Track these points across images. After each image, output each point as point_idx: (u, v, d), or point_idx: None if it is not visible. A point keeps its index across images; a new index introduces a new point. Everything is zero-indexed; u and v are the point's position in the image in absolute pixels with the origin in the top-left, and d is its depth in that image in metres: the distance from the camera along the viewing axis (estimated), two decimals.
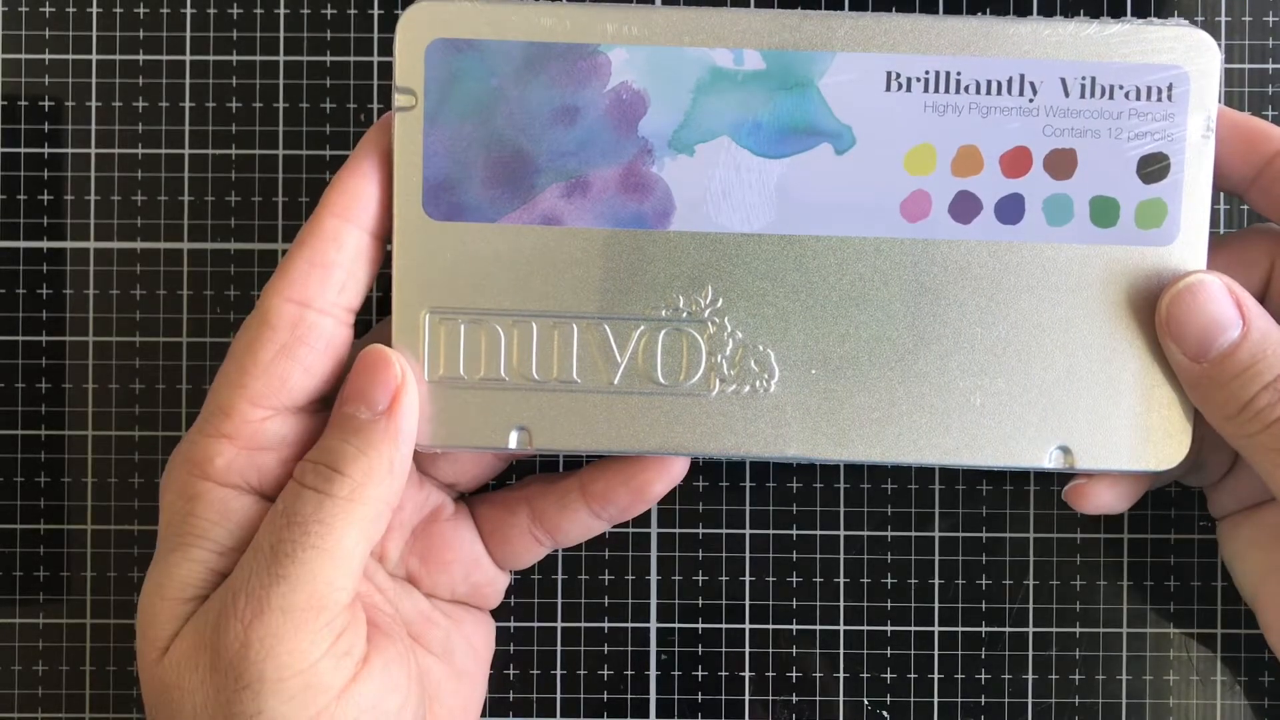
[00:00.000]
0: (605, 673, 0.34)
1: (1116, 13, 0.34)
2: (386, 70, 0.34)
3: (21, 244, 0.34)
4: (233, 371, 0.27)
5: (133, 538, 0.34)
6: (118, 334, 0.34)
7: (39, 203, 0.34)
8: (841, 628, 0.34)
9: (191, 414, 0.34)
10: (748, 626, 0.34)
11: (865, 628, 0.34)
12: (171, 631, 0.27)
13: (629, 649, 0.34)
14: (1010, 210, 0.28)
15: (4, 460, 0.34)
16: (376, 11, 0.34)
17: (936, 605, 0.34)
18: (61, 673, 0.34)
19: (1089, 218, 0.28)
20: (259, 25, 0.34)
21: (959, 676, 0.34)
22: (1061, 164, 0.28)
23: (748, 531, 0.34)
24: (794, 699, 0.34)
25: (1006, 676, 0.34)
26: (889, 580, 0.34)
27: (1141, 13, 0.34)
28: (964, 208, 0.28)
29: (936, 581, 0.34)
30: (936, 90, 0.28)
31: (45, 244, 0.34)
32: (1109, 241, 0.28)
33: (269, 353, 0.27)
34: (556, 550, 0.33)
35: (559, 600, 0.34)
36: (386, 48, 0.34)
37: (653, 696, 0.34)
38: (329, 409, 0.28)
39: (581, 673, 0.34)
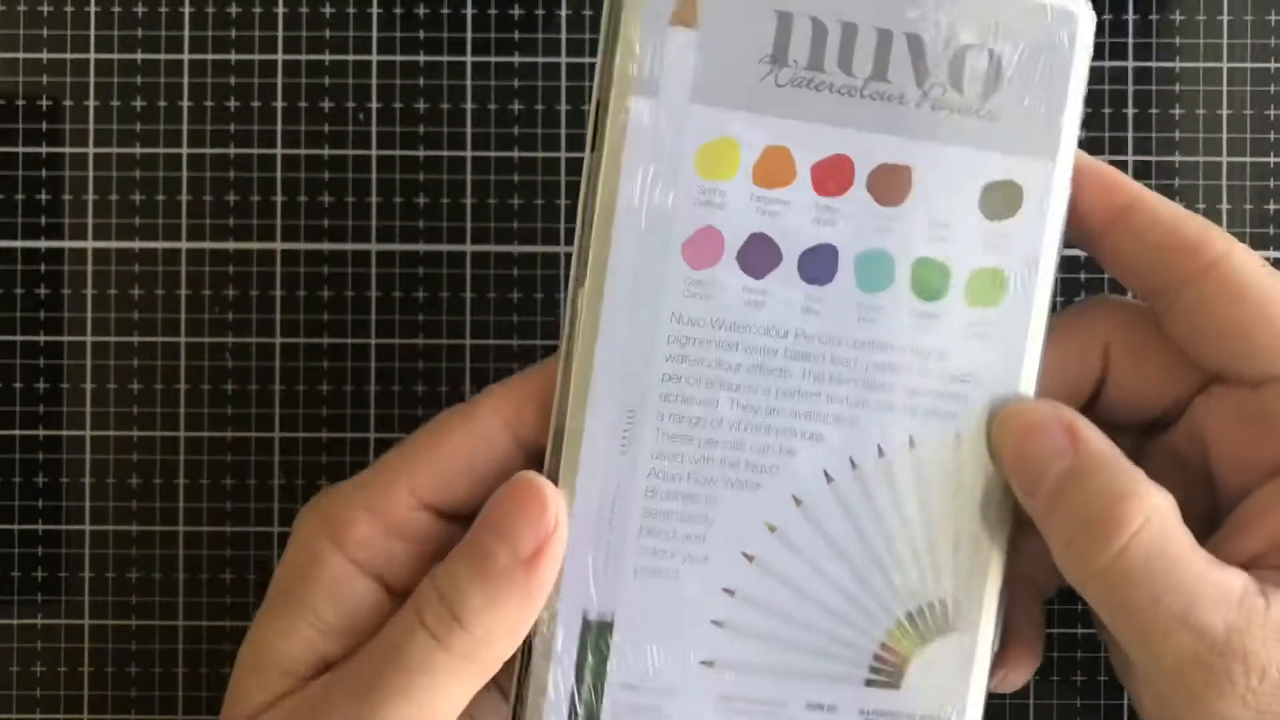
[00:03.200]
0: None
1: (1117, 11, 0.34)
2: (386, 70, 0.34)
3: (19, 244, 0.34)
4: (406, 456, 0.26)
5: (132, 538, 0.34)
6: (116, 334, 0.34)
7: (37, 202, 0.34)
8: None
9: (191, 414, 0.34)
10: None
11: None
12: (262, 701, 0.26)
13: None
14: None
15: (2, 460, 0.34)
16: (376, 11, 0.34)
17: None
18: (60, 673, 0.34)
19: None
20: (258, 25, 0.34)
21: None
22: None
23: None
24: None
25: None
26: None
27: (1142, 12, 0.34)
28: None
29: None
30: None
31: (43, 244, 0.34)
32: None
33: (452, 454, 0.26)
34: None
35: None
36: (386, 47, 0.34)
37: None
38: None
39: None
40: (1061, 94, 0.26)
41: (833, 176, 0.26)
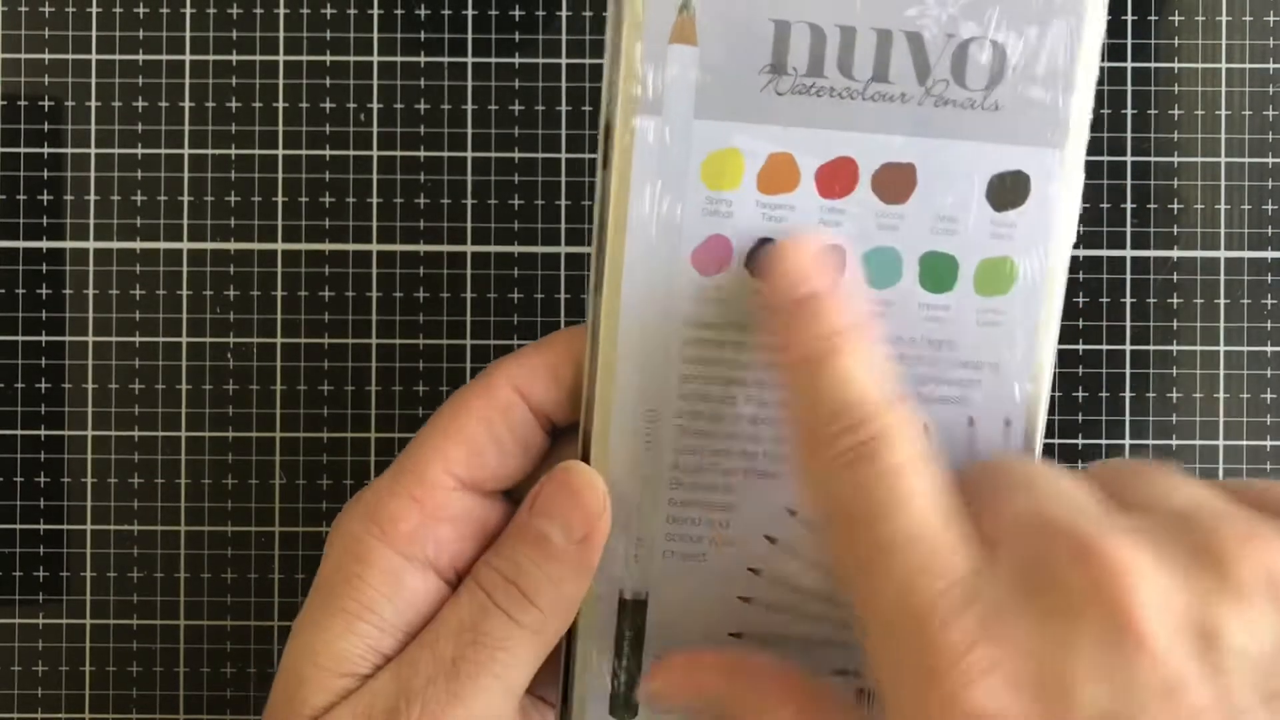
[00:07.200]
0: None
1: (1117, 12, 0.34)
2: (387, 71, 0.34)
3: (21, 244, 0.34)
4: (435, 434, 0.27)
5: (133, 538, 0.34)
6: (118, 334, 0.34)
7: (38, 203, 0.34)
8: None
9: (191, 414, 0.34)
10: None
11: None
12: (324, 704, 0.26)
13: None
14: None
15: (4, 460, 0.34)
16: (376, 11, 0.34)
17: None
18: (61, 673, 0.34)
19: None
20: (259, 25, 0.34)
21: None
22: None
23: None
24: None
25: None
26: None
27: (1141, 12, 0.34)
28: None
29: None
30: None
31: (45, 244, 0.34)
32: None
33: (476, 424, 0.27)
34: None
35: None
36: (387, 48, 0.34)
37: None
38: (508, 503, 0.28)
39: None
40: (1069, 80, 0.26)
41: (837, 179, 0.26)
